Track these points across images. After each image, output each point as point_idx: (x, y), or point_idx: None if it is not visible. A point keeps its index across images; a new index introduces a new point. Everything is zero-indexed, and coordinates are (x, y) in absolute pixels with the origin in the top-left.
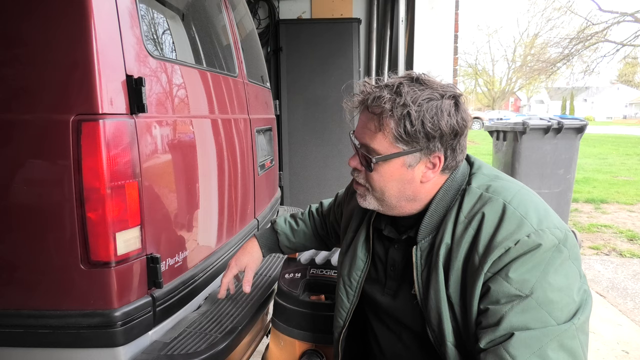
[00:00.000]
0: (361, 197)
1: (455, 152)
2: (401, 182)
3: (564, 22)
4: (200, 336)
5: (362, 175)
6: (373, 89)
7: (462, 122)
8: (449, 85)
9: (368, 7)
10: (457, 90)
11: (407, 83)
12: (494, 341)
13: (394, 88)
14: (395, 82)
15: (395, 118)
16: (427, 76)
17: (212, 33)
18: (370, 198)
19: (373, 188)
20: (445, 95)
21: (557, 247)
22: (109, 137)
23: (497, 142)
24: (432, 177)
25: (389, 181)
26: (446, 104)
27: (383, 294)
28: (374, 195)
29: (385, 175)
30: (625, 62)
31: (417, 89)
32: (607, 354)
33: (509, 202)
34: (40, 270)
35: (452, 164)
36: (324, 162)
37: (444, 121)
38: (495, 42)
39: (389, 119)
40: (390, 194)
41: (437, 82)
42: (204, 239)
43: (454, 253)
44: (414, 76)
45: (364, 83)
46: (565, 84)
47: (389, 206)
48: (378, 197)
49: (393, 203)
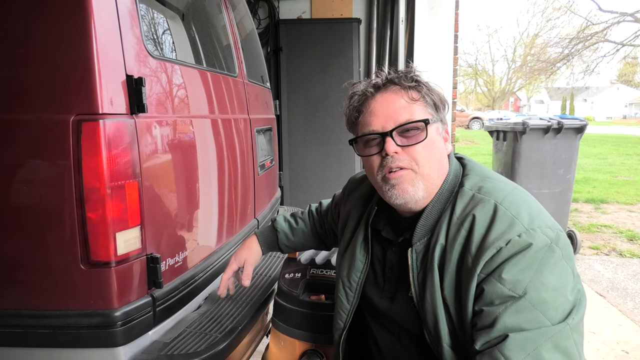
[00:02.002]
0: (408, 183)
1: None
2: (439, 149)
3: (564, 22)
4: (200, 336)
5: (403, 157)
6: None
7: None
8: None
9: (368, 7)
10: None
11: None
12: (488, 343)
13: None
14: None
15: (422, 90)
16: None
17: (212, 33)
18: (418, 181)
19: (420, 163)
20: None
21: (549, 246)
22: (109, 137)
23: (497, 142)
24: (449, 149)
25: (432, 149)
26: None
27: (381, 297)
28: (422, 173)
29: (428, 143)
30: (625, 62)
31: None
32: (607, 354)
33: (500, 203)
34: (41, 270)
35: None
36: (324, 162)
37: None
38: (495, 42)
39: (417, 92)
40: (434, 164)
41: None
42: (204, 238)
43: (448, 255)
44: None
45: (377, 72)
46: (565, 84)
47: (431, 184)
48: (425, 174)
49: (434, 178)
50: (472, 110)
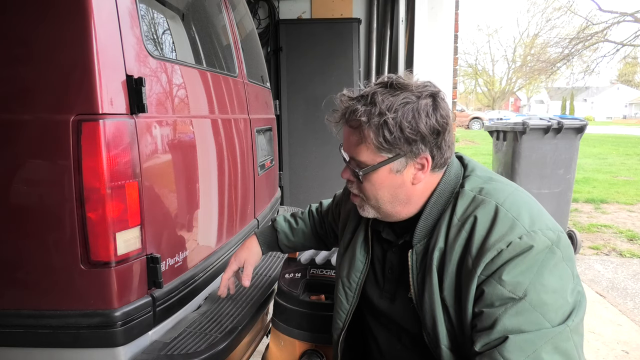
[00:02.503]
0: (360, 207)
1: (441, 150)
2: (392, 187)
3: (564, 22)
4: (200, 336)
5: (355, 186)
6: (349, 102)
7: (442, 119)
8: (426, 83)
9: (368, 7)
10: (434, 88)
11: (381, 91)
12: (488, 344)
13: (368, 98)
14: (370, 92)
15: (373, 128)
16: (403, 78)
17: (212, 33)
18: (368, 207)
19: (367, 197)
20: (421, 95)
21: (550, 248)
22: (109, 137)
23: (497, 142)
24: (423, 177)
25: (380, 189)
26: (423, 105)
27: (381, 297)
28: (370, 204)
29: (376, 183)
30: (625, 62)
31: (391, 94)
32: (607, 354)
33: (502, 204)
34: (41, 270)
35: (440, 162)
36: (324, 162)
37: (423, 123)
38: (495, 42)
39: (367, 131)
40: (384, 200)
41: (413, 82)
42: (204, 238)
43: (448, 256)
44: (389, 81)
45: (341, 96)
46: (565, 84)
47: (385, 213)
48: (374, 206)
49: (389, 209)
50: (472, 110)
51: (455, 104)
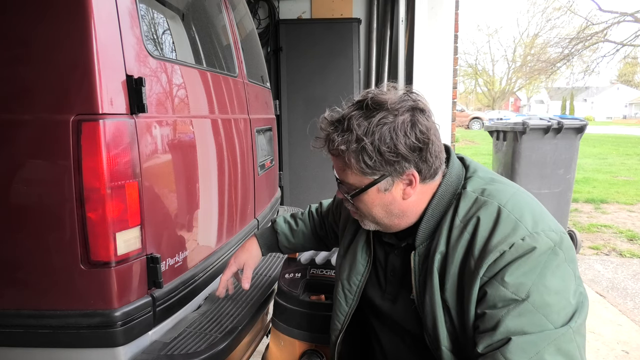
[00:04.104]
0: (360, 221)
1: (428, 162)
2: (384, 205)
3: (564, 22)
4: (200, 336)
5: (350, 205)
6: (329, 129)
7: (422, 135)
8: (404, 98)
9: (368, 7)
10: (412, 102)
11: (356, 114)
12: (491, 346)
13: (345, 124)
14: (346, 116)
15: (353, 155)
16: (382, 94)
17: (212, 33)
18: (367, 222)
19: (363, 215)
20: (398, 112)
21: (553, 250)
22: (109, 137)
23: (497, 142)
24: (412, 192)
25: (373, 207)
26: (400, 123)
27: (383, 299)
28: (368, 219)
29: (368, 203)
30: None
31: (366, 117)
32: (607, 354)
33: (504, 206)
34: (41, 270)
35: (429, 173)
36: (324, 162)
37: (401, 144)
38: (495, 42)
39: (348, 157)
40: (380, 216)
41: (391, 97)
42: (204, 239)
43: (450, 258)
44: (364, 101)
45: (322, 121)
46: (565, 84)
47: (385, 226)
48: (372, 221)
49: (387, 223)
50: (472, 110)
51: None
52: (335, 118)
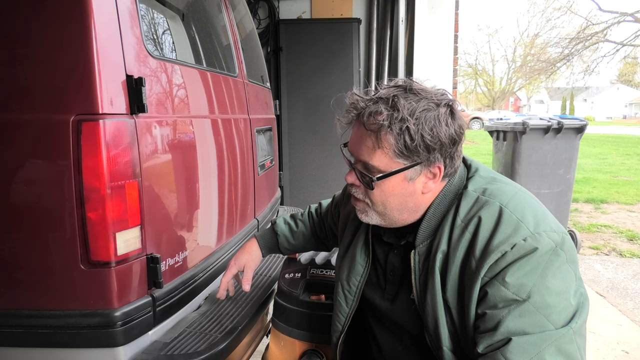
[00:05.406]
0: (361, 212)
1: (453, 160)
2: (403, 195)
3: (564, 22)
4: (200, 336)
5: (360, 190)
6: (367, 103)
7: (460, 129)
8: (442, 91)
9: (368, 7)
10: (450, 97)
11: (402, 94)
12: (491, 346)
13: (390, 101)
14: (390, 94)
15: (394, 134)
16: (419, 83)
17: (212, 33)
18: (372, 213)
19: (374, 203)
20: (440, 103)
21: (554, 250)
22: (109, 137)
23: (497, 142)
24: (433, 187)
25: (390, 196)
26: (442, 113)
27: (382, 299)
28: (375, 209)
29: (387, 190)
30: (625, 62)
31: (412, 100)
32: (607, 354)
33: (506, 206)
34: (41, 270)
35: (450, 171)
36: (324, 162)
37: (443, 132)
38: (495, 42)
39: (387, 135)
40: (392, 207)
41: (430, 89)
42: (204, 239)
43: (451, 257)
44: (407, 86)
45: (354, 96)
46: (565, 84)
47: (391, 220)
48: (380, 212)
49: (395, 217)
50: (472, 110)
51: None
52: (376, 95)
